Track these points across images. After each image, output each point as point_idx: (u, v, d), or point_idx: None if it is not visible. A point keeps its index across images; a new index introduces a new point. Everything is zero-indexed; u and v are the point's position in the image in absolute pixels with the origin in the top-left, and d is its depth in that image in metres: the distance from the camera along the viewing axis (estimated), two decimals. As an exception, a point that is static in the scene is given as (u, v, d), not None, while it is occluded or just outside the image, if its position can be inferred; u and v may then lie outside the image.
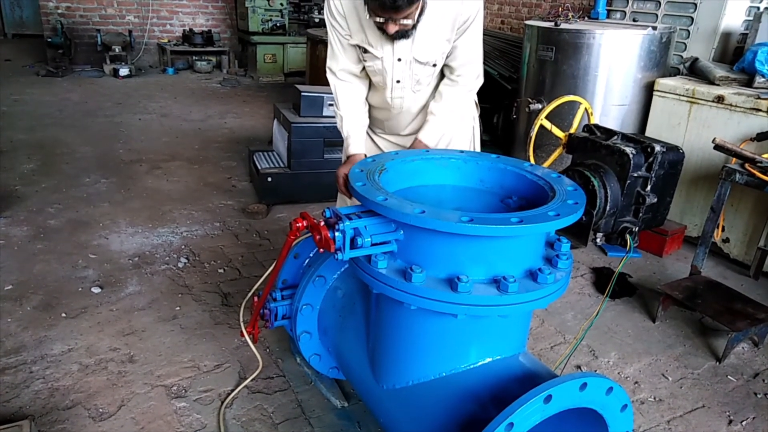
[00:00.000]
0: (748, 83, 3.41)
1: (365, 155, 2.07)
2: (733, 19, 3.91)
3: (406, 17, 1.80)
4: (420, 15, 1.86)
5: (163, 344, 2.40)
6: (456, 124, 2.21)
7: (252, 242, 3.36)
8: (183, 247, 3.24)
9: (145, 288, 2.80)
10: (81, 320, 2.52)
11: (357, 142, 2.11)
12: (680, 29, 4.08)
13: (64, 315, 2.55)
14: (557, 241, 1.51)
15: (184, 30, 8.91)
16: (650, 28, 3.73)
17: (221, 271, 3.01)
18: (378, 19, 1.82)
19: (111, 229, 3.41)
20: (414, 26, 1.87)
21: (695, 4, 4.01)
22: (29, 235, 3.28)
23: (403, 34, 1.88)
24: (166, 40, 8.89)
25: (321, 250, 1.46)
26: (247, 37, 8.48)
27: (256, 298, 2.05)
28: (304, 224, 1.53)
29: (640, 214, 2.63)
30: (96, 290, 2.75)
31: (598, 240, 2.62)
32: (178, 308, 2.66)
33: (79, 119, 5.76)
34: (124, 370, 2.23)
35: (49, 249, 3.13)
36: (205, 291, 2.82)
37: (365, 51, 2.02)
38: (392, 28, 1.83)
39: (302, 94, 3.89)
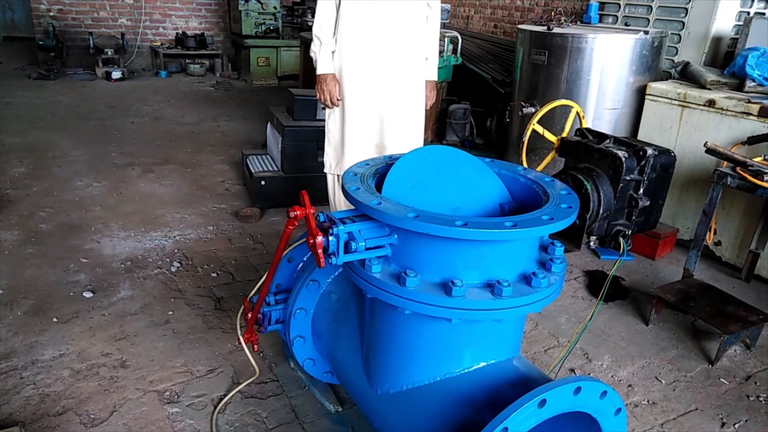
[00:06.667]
0: (739, 87, 3.44)
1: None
2: (724, 23, 3.95)
3: None
4: None
5: (155, 349, 2.38)
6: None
7: (245, 246, 3.35)
8: (176, 251, 3.22)
9: (137, 292, 2.79)
10: (72, 325, 2.50)
11: (330, 63, 2.80)
12: (672, 33, 4.11)
13: (55, 320, 2.52)
14: (551, 245, 1.51)
15: (177, 33, 8.89)
16: (642, 33, 3.76)
17: (214, 275, 3.00)
18: None
19: (103, 233, 3.39)
20: None
21: (686, 9, 4.05)
22: (20, 239, 3.25)
23: None
24: (158, 43, 8.86)
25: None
26: (240, 40, 8.46)
27: (248, 304, 2.04)
28: (303, 212, 1.50)
29: (633, 217, 2.64)
30: (88, 295, 2.73)
31: (591, 243, 2.63)
32: (170, 313, 2.64)
33: (71, 122, 5.73)
34: (116, 376, 2.21)
35: (41, 253, 3.10)
36: (198, 295, 2.80)
37: None
38: None
39: (296, 97, 3.89)
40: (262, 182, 3.79)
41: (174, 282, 2.90)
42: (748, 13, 3.93)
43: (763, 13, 3.97)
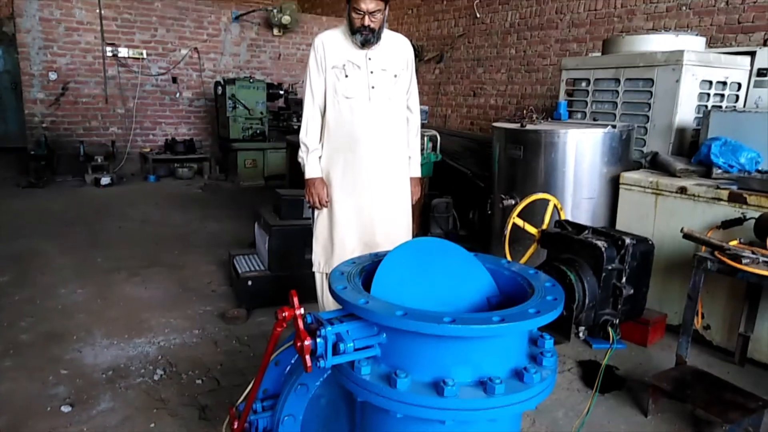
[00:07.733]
0: (707, 174, 3.60)
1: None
2: (685, 116, 4.20)
3: (374, 15, 2.68)
4: (381, 28, 2.77)
5: (135, 466, 2.25)
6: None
7: (232, 349, 3.27)
8: (159, 357, 3.13)
9: (118, 404, 2.67)
10: (48, 443, 2.37)
11: (318, 167, 2.97)
12: (638, 126, 4.35)
13: (29, 438, 2.40)
14: (540, 338, 1.51)
15: (166, 139, 9.19)
16: (610, 127, 3.97)
17: (199, 381, 2.90)
18: (358, 12, 2.67)
19: (85, 341, 3.30)
20: (378, 34, 2.77)
21: (649, 105, 4.32)
22: (-2, 351, 3.15)
23: (371, 33, 2.73)
24: (148, 149, 9.12)
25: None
26: (228, 143, 8.76)
27: (234, 412, 1.97)
28: (291, 313, 1.49)
29: (619, 306, 2.65)
30: (66, 409, 2.61)
31: (581, 333, 2.61)
32: (152, 425, 2.52)
33: (57, 229, 5.75)
34: (91, 498, 2.07)
35: (19, 365, 3.00)
36: (182, 404, 2.69)
37: (344, 72, 2.82)
38: (367, 20, 2.68)
39: (282, 197, 3.99)
40: (249, 282, 3.77)
41: (157, 391, 2.80)
42: (706, 106, 4.20)
43: (720, 106, 4.25)
